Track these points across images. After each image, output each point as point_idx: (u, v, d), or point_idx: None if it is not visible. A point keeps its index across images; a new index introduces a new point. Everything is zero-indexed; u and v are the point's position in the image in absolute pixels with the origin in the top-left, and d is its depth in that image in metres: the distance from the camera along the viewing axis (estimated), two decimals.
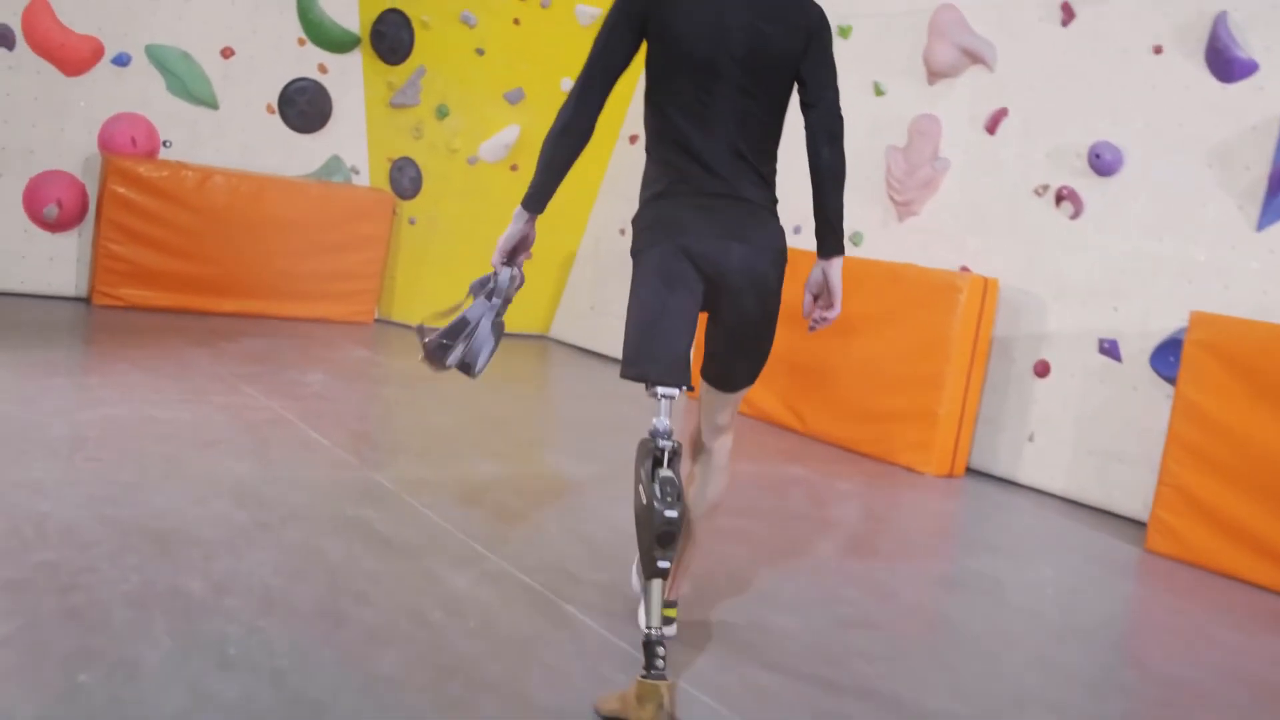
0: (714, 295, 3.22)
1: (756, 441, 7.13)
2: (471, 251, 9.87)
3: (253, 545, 3.86)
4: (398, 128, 10.01)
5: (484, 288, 3.36)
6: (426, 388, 7.34)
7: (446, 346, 3.30)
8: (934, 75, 7.60)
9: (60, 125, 8.93)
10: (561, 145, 3.21)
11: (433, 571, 3.89)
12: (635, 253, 3.29)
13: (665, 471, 3.04)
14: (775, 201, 3.33)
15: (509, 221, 3.36)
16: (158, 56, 9.22)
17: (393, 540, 4.16)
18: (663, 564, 2.97)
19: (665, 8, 3.17)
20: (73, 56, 8.90)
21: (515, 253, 3.37)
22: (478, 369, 3.33)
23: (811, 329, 3.50)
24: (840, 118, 3.36)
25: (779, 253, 3.26)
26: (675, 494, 3.00)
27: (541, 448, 6.41)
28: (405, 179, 10.03)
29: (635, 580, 3.75)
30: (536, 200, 3.27)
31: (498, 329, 3.36)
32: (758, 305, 3.24)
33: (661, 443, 3.06)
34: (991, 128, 7.25)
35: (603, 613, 3.70)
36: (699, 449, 3.56)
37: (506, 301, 3.38)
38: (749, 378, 3.43)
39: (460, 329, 3.30)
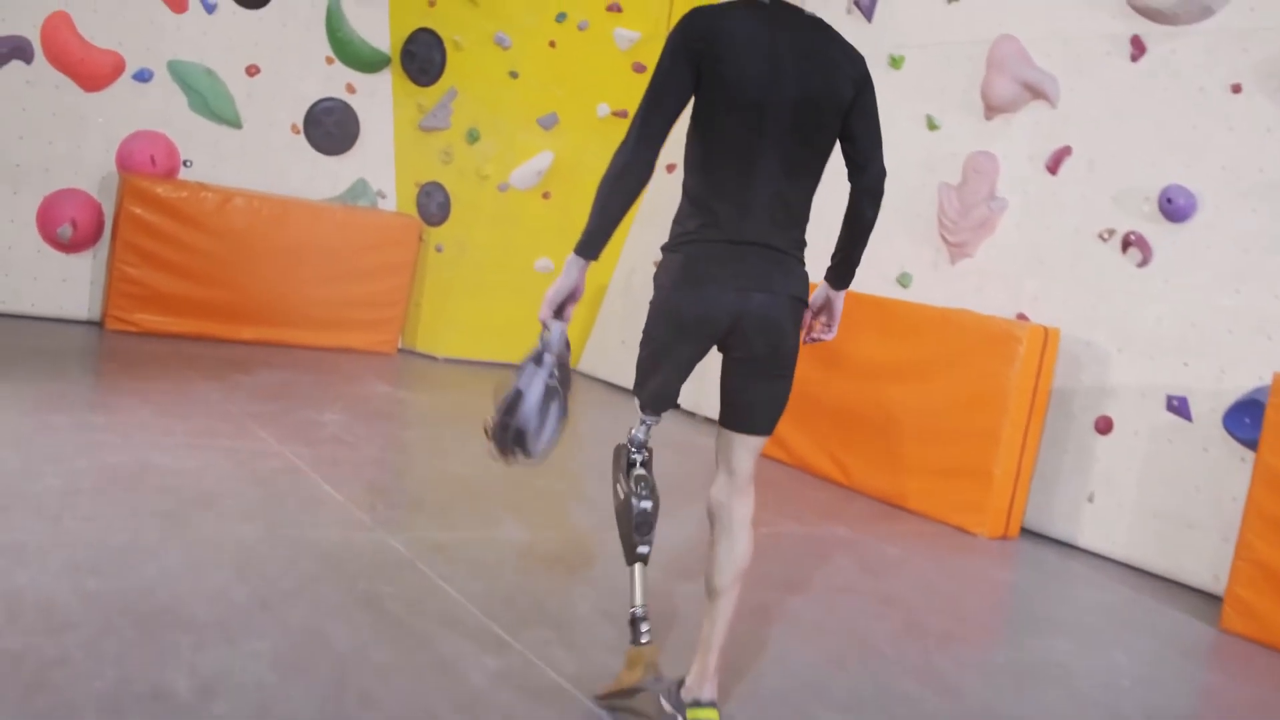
0: (727, 337, 3.23)
1: (796, 494, 6.71)
2: (500, 281, 9.58)
3: (250, 629, 3.47)
4: (427, 151, 9.67)
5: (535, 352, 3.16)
6: (449, 430, 6.97)
7: (505, 424, 3.09)
8: (991, 110, 7.18)
9: (77, 142, 8.63)
10: (619, 187, 3.14)
11: (449, 663, 3.49)
12: (658, 285, 3.29)
13: (639, 470, 3.38)
14: (803, 246, 3.30)
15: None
16: (180, 73, 8.92)
17: (406, 622, 3.76)
18: (642, 549, 3.34)
19: (719, 49, 3.12)
20: (93, 71, 8.62)
21: (565, 306, 3.21)
22: (536, 448, 3.12)
23: (806, 342, 3.51)
24: (885, 176, 3.36)
25: (798, 301, 3.25)
26: (649, 489, 3.36)
27: (571, 503, 5.99)
28: (433, 204, 9.68)
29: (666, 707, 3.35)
30: (592, 246, 3.17)
31: (554, 395, 3.13)
32: (769, 349, 3.22)
33: (634, 454, 3.40)
34: (1053, 167, 6.83)
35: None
36: (718, 508, 3.38)
37: (563, 367, 3.20)
38: (763, 423, 3.34)
39: (515, 403, 3.08)
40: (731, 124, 3.13)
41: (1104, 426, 6.41)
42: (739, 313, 3.15)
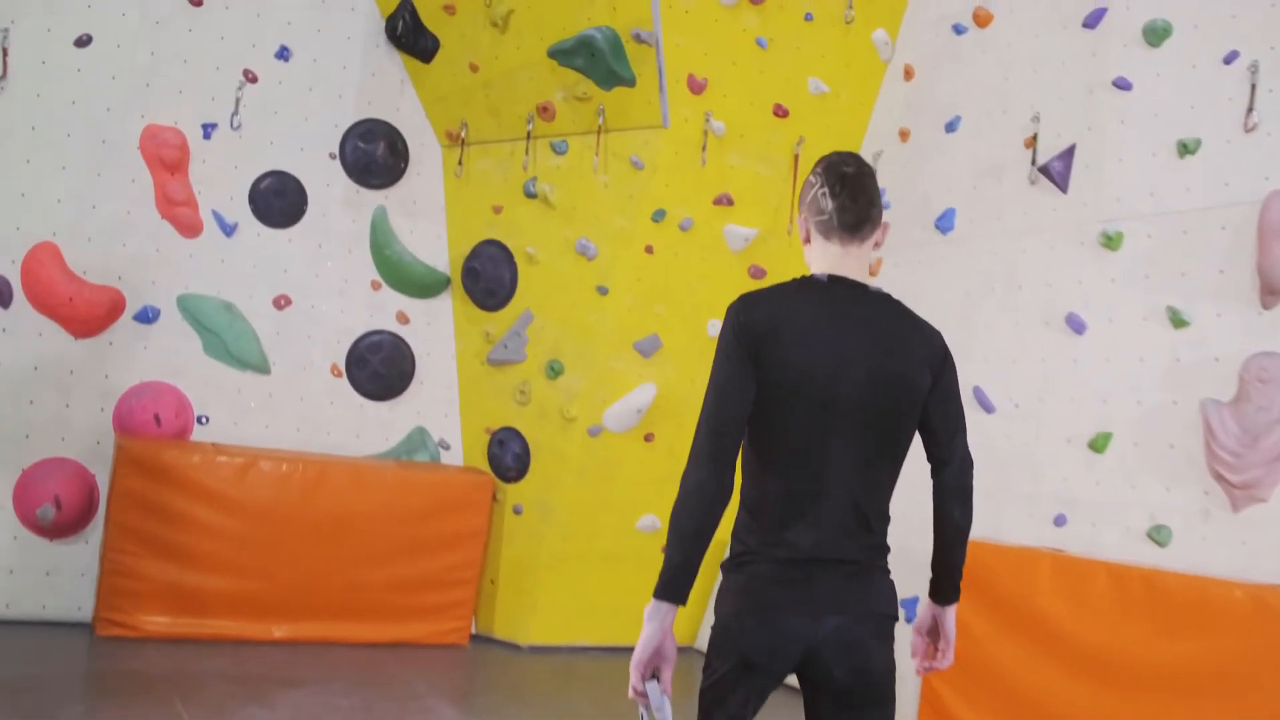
0: (805, 667, 2.93)
1: None
2: (594, 548, 7.91)
3: None
4: (498, 390, 8.12)
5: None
6: None
7: None
8: (1273, 294, 5.19)
9: (65, 400, 7.14)
10: (694, 513, 2.85)
11: None
12: (718, 612, 3.01)
13: None
14: (885, 553, 3.02)
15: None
16: (193, 310, 7.51)
17: None
18: None
19: (780, 338, 2.91)
20: (84, 313, 7.17)
21: (659, 669, 2.83)
22: None
23: (919, 673, 3.24)
24: (973, 468, 3.10)
25: (883, 619, 2.98)
26: None
27: None
28: (508, 456, 8.03)
29: None
30: (677, 586, 2.83)
31: None
32: (853, 676, 2.93)
33: None
34: None
35: None
36: None
37: None
38: None
39: None
40: (794, 424, 2.93)
41: None
42: (812, 640, 2.91)
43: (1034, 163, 6.40)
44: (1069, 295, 6.13)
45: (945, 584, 3.16)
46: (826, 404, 2.90)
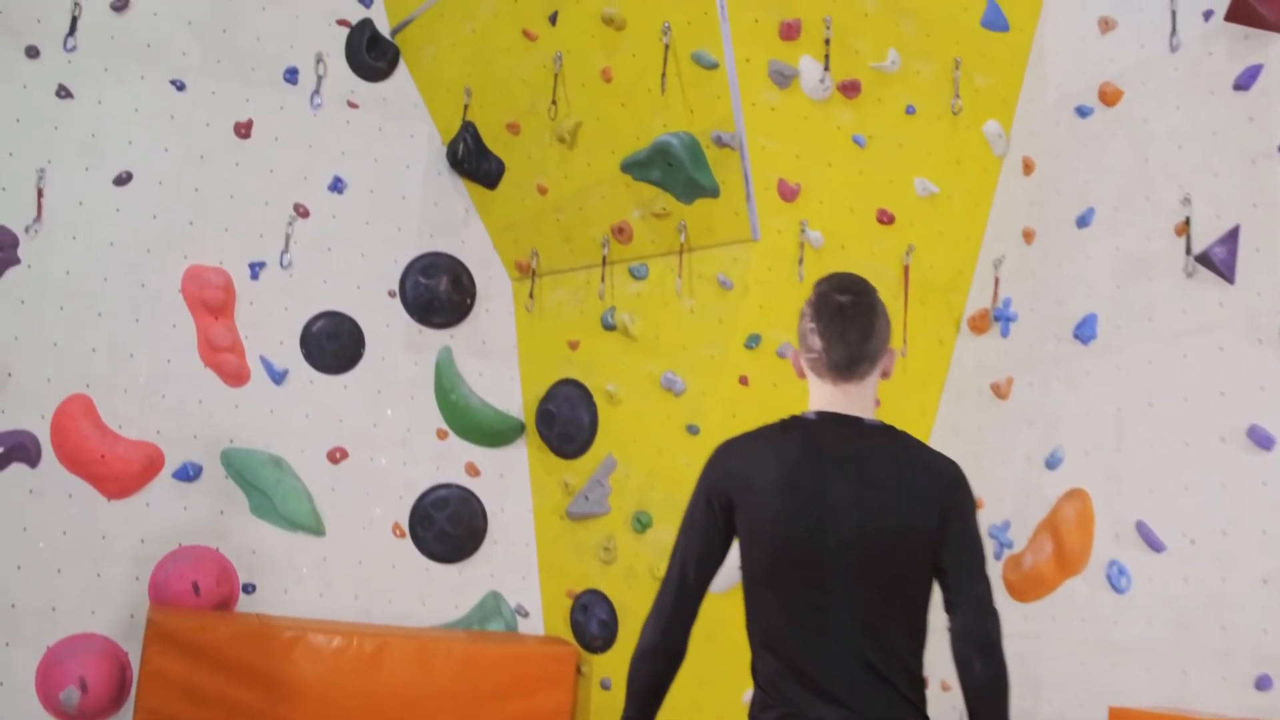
0: None
1: None
2: None
3: None
4: (580, 548, 7.41)
5: None
6: None
7: None
8: None
9: (95, 569, 6.57)
10: (644, 674, 2.98)
11: None
12: None
13: None
14: (919, 712, 2.82)
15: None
16: (238, 466, 6.93)
17: None
18: None
19: (754, 488, 2.85)
20: (118, 471, 6.65)
21: None
22: None
23: None
24: (996, 616, 2.83)
25: None
26: None
27: None
28: (593, 623, 7.27)
29: None
30: None
31: None
32: None
33: None
34: None
35: None
36: None
37: None
38: None
39: None
40: (783, 584, 2.84)
41: None
42: None
43: (1189, 251, 5.52)
44: (1249, 404, 5.17)
45: None
46: (814, 559, 2.78)
